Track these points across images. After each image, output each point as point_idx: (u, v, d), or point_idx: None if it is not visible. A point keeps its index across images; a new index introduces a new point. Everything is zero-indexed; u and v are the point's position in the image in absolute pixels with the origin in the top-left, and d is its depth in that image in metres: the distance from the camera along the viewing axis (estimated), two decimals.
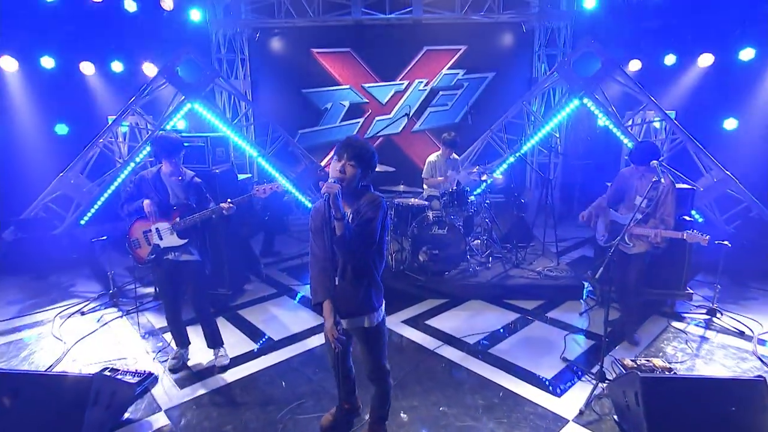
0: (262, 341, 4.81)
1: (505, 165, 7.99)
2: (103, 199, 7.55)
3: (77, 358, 4.47)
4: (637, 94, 7.23)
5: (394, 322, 5.13)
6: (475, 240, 6.66)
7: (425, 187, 6.76)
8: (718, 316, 5.12)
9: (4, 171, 7.72)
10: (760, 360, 4.32)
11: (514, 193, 7.50)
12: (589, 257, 6.93)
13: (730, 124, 7.85)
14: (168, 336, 4.63)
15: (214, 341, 4.37)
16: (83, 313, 5.42)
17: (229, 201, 4.00)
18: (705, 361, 4.34)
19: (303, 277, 6.53)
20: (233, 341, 4.72)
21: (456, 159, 6.71)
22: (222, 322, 4.93)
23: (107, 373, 4.00)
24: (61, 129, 8.33)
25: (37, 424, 3.00)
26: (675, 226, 4.30)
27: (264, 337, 4.90)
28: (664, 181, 4.28)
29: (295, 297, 5.96)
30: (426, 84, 9.71)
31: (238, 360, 4.41)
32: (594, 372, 3.95)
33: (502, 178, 7.67)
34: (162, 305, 5.03)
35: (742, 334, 4.79)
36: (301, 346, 4.68)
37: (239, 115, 9.16)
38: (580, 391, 3.87)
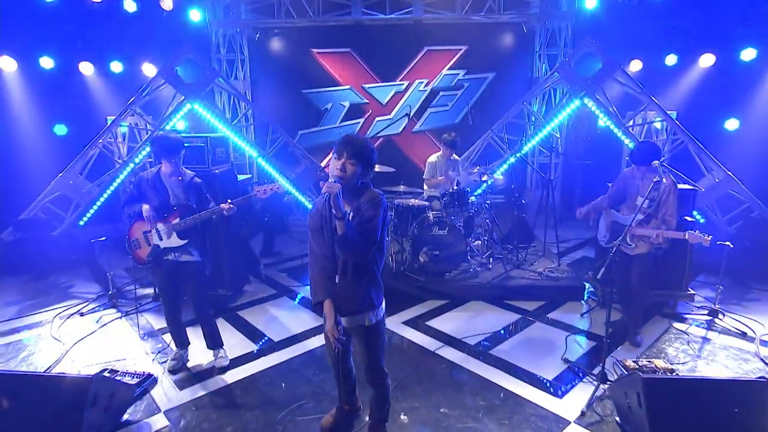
0: (261, 342, 4.79)
1: (505, 165, 7.97)
2: (103, 200, 7.53)
3: (76, 359, 4.45)
4: (638, 95, 7.22)
5: (395, 323, 5.11)
6: (475, 241, 6.65)
7: (425, 187, 6.75)
8: (720, 317, 5.10)
9: (3, 171, 7.72)
10: (763, 361, 4.29)
11: (514, 194, 7.48)
12: (590, 258, 6.91)
13: (732, 124, 7.85)
14: (167, 337, 4.62)
15: (214, 342, 4.35)
16: (82, 314, 5.41)
17: (229, 201, 3.98)
18: (707, 363, 4.32)
19: (303, 277, 6.51)
20: (233, 342, 4.70)
21: (456, 159, 6.70)
22: (221, 323, 4.91)
23: (106, 374, 3.99)
24: (60, 129, 8.33)
25: (35, 425, 2.98)
26: (676, 227, 4.28)
27: (264, 338, 4.88)
28: (666, 182, 4.26)
29: (295, 298, 5.94)
30: (426, 84, 9.69)
31: (238, 361, 4.39)
32: (595, 373, 3.94)
33: (503, 179, 7.64)
34: (161, 306, 5.01)
35: (744, 335, 4.77)
36: (302, 347, 4.67)
37: (239, 115, 9.15)
38: (582, 392, 3.85)
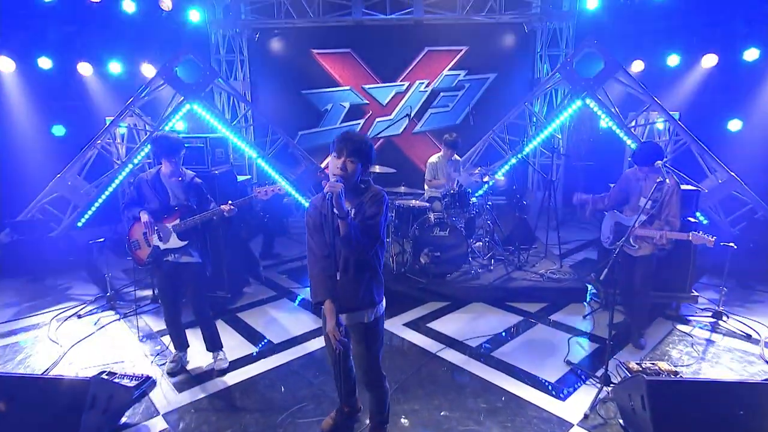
0: (261, 344, 4.76)
1: (507, 166, 7.93)
2: (101, 201, 7.49)
3: (74, 361, 4.41)
4: (640, 95, 7.19)
5: (396, 325, 5.08)
6: (476, 242, 6.61)
7: (426, 188, 6.72)
8: (724, 319, 5.05)
9: (1, 172, 7.69)
10: None
11: (516, 195, 7.45)
12: (592, 260, 6.87)
13: (735, 125, 7.80)
14: (166, 339, 4.59)
15: (214, 344, 4.32)
16: (80, 316, 5.37)
17: (229, 203, 3.95)
18: (711, 365, 4.29)
19: (303, 279, 6.48)
20: (232, 344, 4.67)
21: (458, 160, 6.68)
22: (221, 325, 4.87)
23: (104, 376, 3.95)
24: (58, 130, 8.29)
25: (33, 428, 2.95)
26: (680, 228, 4.26)
27: (263, 340, 4.85)
28: (669, 182, 4.24)
29: (295, 300, 5.91)
30: (427, 85, 9.65)
31: (238, 363, 4.35)
32: (598, 375, 3.91)
33: (504, 180, 7.61)
34: (161, 308, 4.98)
35: (748, 337, 4.73)
36: (301, 349, 4.63)
37: (239, 116, 9.14)
38: (585, 394, 3.81)
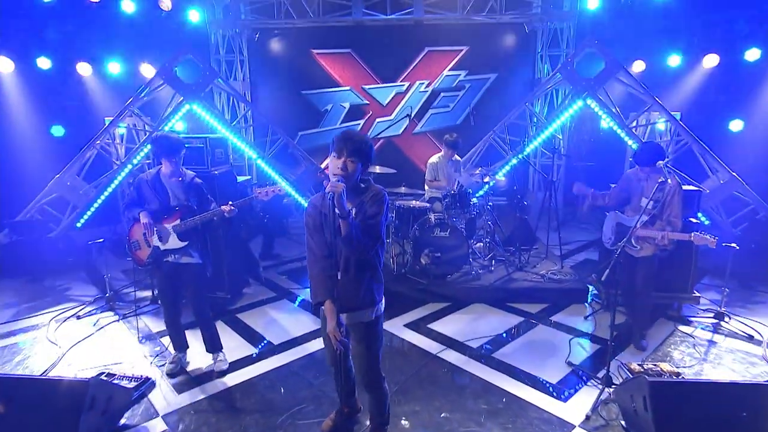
0: (261, 345, 4.74)
1: (507, 167, 7.92)
2: (100, 202, 7.47)
3: (73, 362, 4.39)
4: (641, 95, 7.18)
5: (396, 326, 5.06)
6: (477, 243, 6.59)
7: (427, 189, 6.70)
8: (726, 319, 5.03)
9: (0, 173, 7.65)
10: None
11: (516, 196, 7.42)
12: (593, 260, 6.84)
13: (736, 125, 7.79)
14: (166, 340, 4.57)
15: (213, 345, 4.30)
16: (79, 317, 5.35)
17: (230, 203, 3.93)
18: (713, 366, 4.27)
19: (303, 280, 6.46)
20: (232, 345, 4.64)
21: (458, 160, 6.66)
22: (221, 326, 4.85)
23: (103, 377, 3.92)
24: (57, 130, 8.27)
25: (31, 429, 2.93)
26: (681, 229, 4.24)
27: (263, 341, 4.83)
28: (671, 182, 4.22)
29: (295, 300, 5.89)
30: (427, 85, 9.64)
31: (237, 364, 4.33)
32: (600, 376, 3.88)
33: (505, 180, 7.59)
34: (160, 308, 4.96)
35: (751, 338, 4.71)
36: (302, 350, 4.61)
37: (238, 116, 9.12)
38: (586, 395, 3.80)
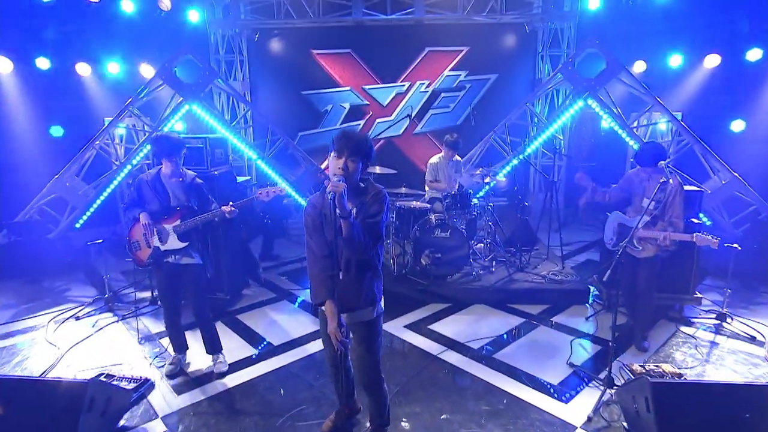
0: (261, 346, 4.72)
1: (508, 167, 7.91)
2: (99, 203, 7.45)
3: (71, 363, 4.37)
4: (643, 95, 7.16)
5: (397, 327, 5.05)
6: (478, 243, 6.58)
7: (427, 189, 6.68)
8: (728, 320, 5.01)
9: None
10: None
11: (517, 196, 7.39)
12: (594, 261, 6.82)
13: (738, 125, 7.76)
14: (165, 341, 4.56)
15: (213, 347, 4.28)
16: (78, 318, 5.33)
17: (230, 204, 3.91)
18: (715, 367, 4.25)
19: (303, 281, 6.44)
20: (232, 346, 4.63)
21: (459, 161, 6.64)
22: (220, 327, 4.83)
23: (102, 378, 3.90)
24: (56, 131, 8.25)
25: (30, 430, 2.92)
26: (683, 229, 4.22)
27: (263, 342, 4.81)
28: (672, 182, 4.20)
29: (294, 301, 5.87)
30: (428, 86, 9.61)
31: (237, 366, 4.32)
32: (602, 378, 3.86)
33: (505, 181, 7.57)
34: (159, 309, 4.94)
35: (753, 339, 4.69)
36: (302, 351, 4.60)
37: (238, 117, 9.09)
38: (588, 397, 3.78)
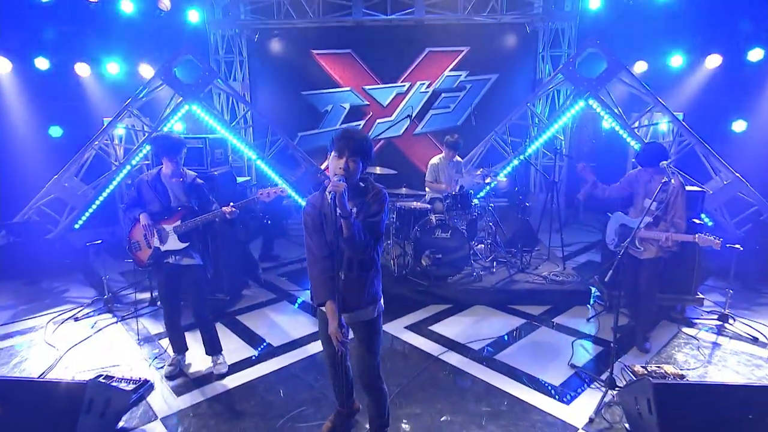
0: (261, 347, 4.70)
1: (509, 168, 7.89)
2: (98, 203, 7.43)
3: (70, 365, 4.35)
4: (644, 96, 7.14)
5: (397, 328, 5.03)
6: (478, 244, 6.56)
7: (427, 190, 6.65)
8: (731, 321, 5.00)
9: None
10: None
11: (518, 197, 7.36)
12: (595, 262, 6.81)
13: (739, 126, 7.76)
14: (165, 342, 4.54)
15: (213, 348, 4.26)
16: (77, 318, 5.31)
17: (231, 204, 3.90)
18: (718, 368, 4.23)
19: (303, 282, 6.42)
20: (232, 347, 4.61)
21: (459, 161, 6.62)
22: (220, 328, 4.80)
23: (101, 380, 3.89)
24: (55, 131, 8.23)
25: None
26: (685, 230, 4.20)
27: (263, 343, 4.79)
28: (674, 182, 4.19)
29: (294, 302, 5.85)
30: (428, 86, 9.59)
31: (237, 367, 4.30)
32: (603, 379, 3.85)
33: (506, 181, 7.55)
34: (158, 310, 4.92)
35: (755, 340, 4.67)
36: (302, 352, 4.58)
37: (238, 117, 9.07)
38: (590, 398, 3.76)
